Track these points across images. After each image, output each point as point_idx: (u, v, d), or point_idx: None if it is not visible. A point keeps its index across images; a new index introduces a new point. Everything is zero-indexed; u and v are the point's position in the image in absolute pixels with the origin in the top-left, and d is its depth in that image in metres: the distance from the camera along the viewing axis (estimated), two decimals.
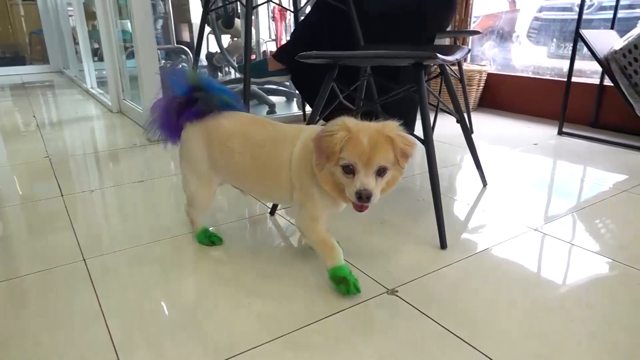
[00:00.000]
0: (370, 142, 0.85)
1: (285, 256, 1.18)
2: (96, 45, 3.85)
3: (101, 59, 3.09)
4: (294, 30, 2.23)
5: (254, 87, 2.92)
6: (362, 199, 0.85)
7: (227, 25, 3.18)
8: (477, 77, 2.80)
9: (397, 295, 1.00)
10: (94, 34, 3.76)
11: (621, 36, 2.13)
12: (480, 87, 2.87)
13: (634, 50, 1.96)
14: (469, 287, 1.03)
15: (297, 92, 2.75)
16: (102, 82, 3.66)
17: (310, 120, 1.35)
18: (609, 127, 2.38)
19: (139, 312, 0.95)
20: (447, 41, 2.84)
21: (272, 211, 1.41)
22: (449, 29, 2.84)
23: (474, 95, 2.86)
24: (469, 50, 1.48)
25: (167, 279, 1.08)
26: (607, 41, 2.18)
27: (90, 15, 3.64)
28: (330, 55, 1.29)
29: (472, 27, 3.65)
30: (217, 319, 0.93)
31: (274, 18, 4.28)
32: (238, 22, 3.37)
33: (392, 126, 0.89)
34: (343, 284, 0.98)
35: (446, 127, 2.41)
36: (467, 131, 1.52)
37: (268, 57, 2.23)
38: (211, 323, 0.92)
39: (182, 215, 1.43)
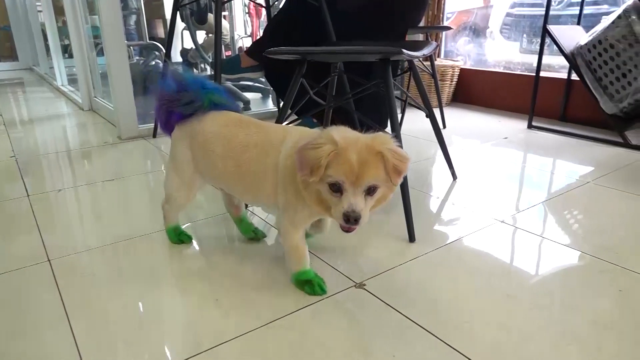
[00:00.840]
0: (359, 158, 0.78)
1: (255, 252, 1.18)
2: (67, 42, 3.76)
3: (72, 56, 3.02)
4: (267, 26, 2.21)
5: (228, 84, 2.90)
6: (350, 221, 0.80)
7: (199, 20, 3.14)
8: (450, 72, 2.84)
9: (364, 289, 1.01)
10: (63, 30, 3.67)
11: (587, 32, 2.18)
12: (454, 83, 2.91)
13: (598, 45, 2.01)
14: (435, 279, 1.05)
15: (272, 88, 2.74)
16: (73, 80, 3.58)
17: (280, 116, 1.35)
18: (577, 121, 2.44)
19: (104, 313, 0.94)
20: (420, 37, 2.86)
21: (246, 205, 1.40)
22: (421, 25, 2.87)
23: (447, 90, 2.89)
24: (437, 46, 1.49)
25: (134, 278, 1.07)
26: (574, 37, 2.23)
27: (59, 11, 3.55)
28: (299, 50, 1.29)
29: (447, 23, 3.69)
30: (184, 316, 0.93)
31: (249, 14, 4.26)
32: (212, 18, 3.33)
33: (383, 139, 0.82)
34: (307, 285, 0.99)
35: (417, 122, 2.44)
36: (437, 126, 1.54)
37: (241, 54, 2.21)
38: (178, 321, 0.91)
39: (151, 214, 1.42)
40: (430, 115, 1.51)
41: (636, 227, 1.30)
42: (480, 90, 2.91)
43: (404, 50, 1.14)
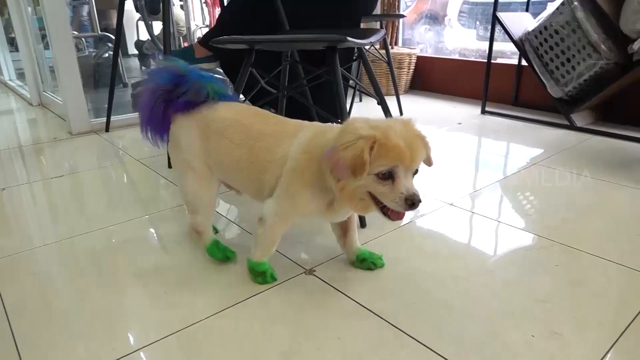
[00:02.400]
0: (407, 142, 0.77)
1: None
2: (13, 35, 3.59)
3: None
4: (220, 15, 2.18)
5: None
6: (414, 204, 0.77)
7: (152, 11, 3.05)
8: (407, 60, 2.87)
9: (314, 275, 1.02)
10: (10, 22, 3.50)
11: (535, 18, 2.25)
12: (411, 70, 2.95)
13: (544, 31, 2.08)
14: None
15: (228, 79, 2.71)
16: (22, 74, 3.43)
17: None
18: (528, 105, 2.53)
19: (47, 311, 0.91)
20: (378, 25, 2.88)
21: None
22: (377, 13, 2.89)
23: (404, 78, 2.93)
24: (385, 34, 1.50)
25: (80, 275, 1.04)
26: (522, 23, 2.30)
27: (3, 2, 3.38)
28: (245, 39, 1.28)
29: (407, 11, 3.71)
30: (131, 311, 0.92)
31: (206, 3, 4.17)
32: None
33: (411, 122, 0.82)
34: (260, 277, 0.99)
35: (372, 110, 2.47)
36: (388, 113, 1.56)
37: (194, 44, 2.17)
38: (124, 316, 0.90)
39: (101, 210, 1.38)
40: (382, 103, 1.53)
41: (577, 205, 1.37)
42: (436, 77, 2.96)
43: (349, 38, 1.14)
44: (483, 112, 2.46)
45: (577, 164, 1.69)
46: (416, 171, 0.81)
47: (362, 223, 1.23)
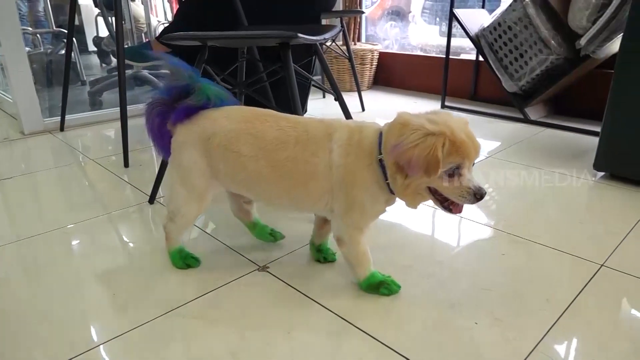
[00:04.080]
0: (469, 137, 0.77)
1: (156, 244, 1.16)
2: None
3: None
4: (177, 10, 2.14)
5: (144, 72, 2.78)
6: (482, 197, 0.78)
7: (108, 6, 2.97)
8: (370, 56, 2.90)
9: (268, 271, 1.03)
10: None
11: (491, 14, 2.30)
12: (374, 66, 2.97)
13: (498, 27, 2.13)
14: (337, 259, 1.08)
15: None
16: None
17: None
18: (486, 100, 2.59)
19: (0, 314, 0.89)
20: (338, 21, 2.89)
21: (151, 199, 1.37)
22: (338, 9, 2.90)
23: (367, 74, 2.96)
24: (340, 30, 1.52)
25: (27, 278, 1.01)
26: (478, 19, 2.35)
27: None
28: (197, 36, 1.26)
29: (372, 7, 3.74)
30: (78, 313, 0.90)
31: None
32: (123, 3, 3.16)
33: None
34: (383, 287, 0.93)
35: (332, 105, 2.48)
36: (346, 109, 1.58)
37: (152, 40, 2.13)
38: (71, 318, 0.88)
39: (57, 211, 1.35)
40: (339, 99, 1.54)
41: (527, 196, 1.42)
42: (398, 73, 3.00)
43: (299, 35, 1.15)
44: (443, 106, 2.51)
45: (530, 156, 1.75)
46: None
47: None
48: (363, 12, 2.66)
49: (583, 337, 0.82)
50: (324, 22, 2.78)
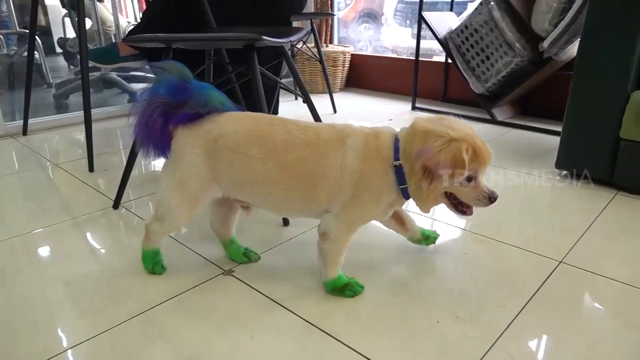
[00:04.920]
0: (485, 146, 0.82)
1: (121, 249, 1.14)
2: None
3: None
4: (144, 11, 2.11)
5: (112, 74, 2.73)
6: (495, 200, 0.85)
7: (72, 6, 2.91)
8: (342, 58, 2.91)
9: (232, 275, 1.02)
10: None
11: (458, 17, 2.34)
12: (346, 68, 2.99)
13: (465, 30, 2.17)
14: (302, 260, 1.08)
15: None
16: None
17: None
18: (455, 101, 2.64)
19: None
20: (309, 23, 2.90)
21: (116, 204, 1.34)
22: (310, 11, 2.90)
23: (340, 75, 2.97)
24: (308, 32, 1.52)
25: None
26: (446, 22, 2.39)
27: None
28: (162, 37, 1.25)
29: (347, 9, 3.76)
30: (40, 320, 0.87)
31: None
32: (88, 4, 3.10)
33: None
34: (347, 290, 0.94)
35: (304, 108, 2.48)
36: (314, 111, 1.58)
37: (119, 41, 2.09)
38: (33, 326, 0.86)
39: (20, 216, 1.31)
40: (307, 101, 1.54)
41: None
42: (370, 75, 3.03)
43: (264, 37, 1.14)
44: (413, 108, 2.54)
45: (496, 156, 1.76)
46: None
47: (285, 221, 1.24)
48: (333, 15, 2.67)
49: (540, 332, 0.85)
50: (295, 24, 2.78)
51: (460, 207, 0.88)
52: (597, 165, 1.45)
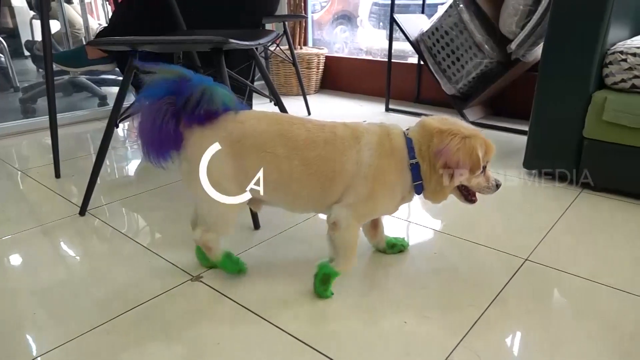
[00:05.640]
0: (488, 140, 0.91)
1: (86, 257, 1.12)
2: None
3: None
4: (113, 13, 2.07)
5: (82, 78, 2.68)
6: (499, 187, 0.95)
7: (39, 7, 2.83)
8: (316, 60, 2.92)
9: (201, 281, 1.01)
10: None
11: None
12: (320, 70, 3.00)
13: (436, 32, 2.20)
14: (270, 264, 1.08)
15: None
16: None
17: (113, 112, 1.27)
18: (429, 102, 2.67)
19: None
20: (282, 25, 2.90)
21: (82, 211, 1.31)
22: (283, 13, 2.90)
23: (314, 77, 2.97)
24: (277, 35, 1.52)
25: None
26: (418, 24, 2.42)
27: None
28: (127, 40, 1.22)
29: (322, 11, 3.75)
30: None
31: (109, 1, 3.94)
32: (55, 5, 3.03)
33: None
34: (328, 285, 0.95)
35: (276, 110, 2.48)
36: (285, 112, 1.58)
37: (87, 45, 2.05)
38: None
39: None
40: (278, 103, 1.54)
41: None
42: (344, 77, 3.04)
43: (231, 40, 1.14)
44: (387, 109, 2.56)
45: None
46: None
47: (256, 225, 1.23)
48: (305, 17, 2.67)
49: (505, 329, 0.86)
50: (268, 26, 2.78)
51: (469, 197, 0.97)
52: (562, 164, 1.49)
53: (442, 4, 2.25)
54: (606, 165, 1.40)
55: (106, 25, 3.78)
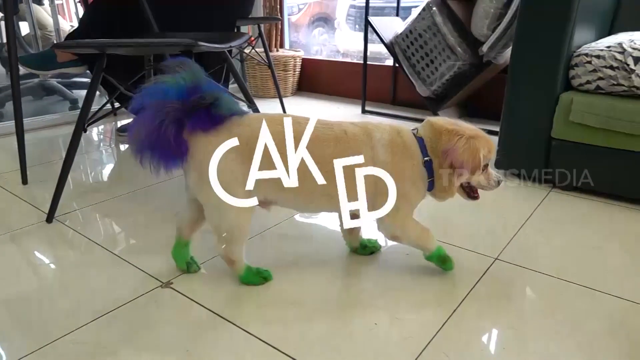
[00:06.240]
0: (490, 139, 0.95)
1: (52, 264, 1.09)
2: None
3: None
4: (83, 15, 2.03)
5: (52, 81, 2.62)
6: (500, 184, 0.99)
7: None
8: (292, 62, 2.92)
9: (171, 287, 0.99)
10: None
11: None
12: (297, 73, 2.99)
13: (410, 34, 2.22)
14: None
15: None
16: None
17: (81, 115, 1.25)
18: (405, 104, 2.69)
19: None
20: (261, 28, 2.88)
21: (49, 218, 1.28)
22: (259, 16, 2.89)
23: (291, 80, 2.97)
24: (250, 37, 1.51)
25: None
26: (393, 27, 2.44)
27: None
28: (94, 43, 1.20)
29: (300, 13, 3.74)
30: None
31: (81, 3, 3.87)
32: (23, 6, 2.96)
33: None
34: (448, 261, 1.03)
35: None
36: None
37: (52, 47, 2.00)
38: None
39: None
40: (252, 106, 1.53)
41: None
42: (321, 79, 3.04)
43: (200, 43, 1.13)
44: (363, 111, 2.57)
45: None
46: None
47: None
48: (280, 20, 2.67)
49: (474, 329, 0.87)
50: (244, 29, 2.76)
51: (471, 193, 1.01)
52: (532, 164, 1.51)
53: (416, 6, 2.28)
54: (574, 165, 1.44)
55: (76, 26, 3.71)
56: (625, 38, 1.37)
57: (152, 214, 1.33)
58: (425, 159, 0.93)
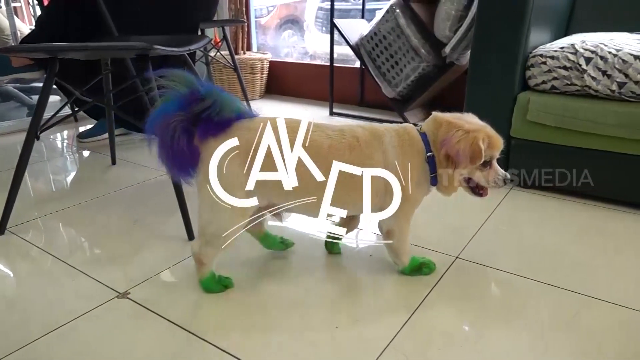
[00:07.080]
0: (498, 135, 0.94)
1: (4, 277, 1.05)
2: None
3: None
4: (38, 18, 1.97)
5: (9, 87, 2.53)
6: (507, 182, 0.96)
7: None
8: (260, 65, 2.90)
9: (128, 298, 0.96)
10: None
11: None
12: (264, 75, 2.98)
13: (375, 36, 2.24)
14: None
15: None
16: None
17: (34, 121, 1.20)
18: (372, 105, 2.71)
19: None
20: (228, 30, 2.85)
21: (1, 229, 1.23)
22: (223, 18, 2.86)
23: (258, 82, 2.95)
24: (210, 40, 1.49)
25: None
26: (358, 29, 2.45)
27: None
28: (46, 47, 1.16)
29: (269, 16, 3.72)
30: None
31: (42, 4, 3.74)
32: None
33: None
34: (424, 268, 1.03)
35: None
36: None
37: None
38: None
39: None
40: None
41: None
42: (289, 81, 3.03)
43: (155, 46, 1.10)
44: (331, 113, 2.58)
45: None
46: None
47: (190, 235, 1.19)
48: (244, 22, 2.65)
49: (433, 328, 0.88)
50: (209, 32, 2.73)
51: (477, 190, 0.99)
52: None
53: (380, 9, 2.30)
54: (533, 163, 1.47)
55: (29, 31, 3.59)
56: (577, 39, 1.41)
57: (112, 223, 1.29)
58: (428, 154, 0.94)
